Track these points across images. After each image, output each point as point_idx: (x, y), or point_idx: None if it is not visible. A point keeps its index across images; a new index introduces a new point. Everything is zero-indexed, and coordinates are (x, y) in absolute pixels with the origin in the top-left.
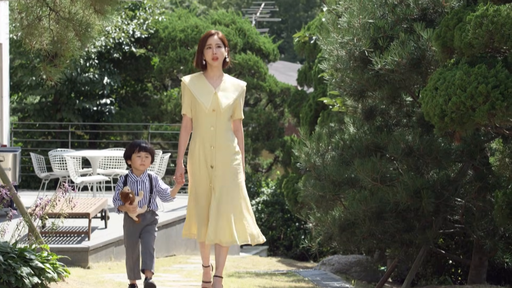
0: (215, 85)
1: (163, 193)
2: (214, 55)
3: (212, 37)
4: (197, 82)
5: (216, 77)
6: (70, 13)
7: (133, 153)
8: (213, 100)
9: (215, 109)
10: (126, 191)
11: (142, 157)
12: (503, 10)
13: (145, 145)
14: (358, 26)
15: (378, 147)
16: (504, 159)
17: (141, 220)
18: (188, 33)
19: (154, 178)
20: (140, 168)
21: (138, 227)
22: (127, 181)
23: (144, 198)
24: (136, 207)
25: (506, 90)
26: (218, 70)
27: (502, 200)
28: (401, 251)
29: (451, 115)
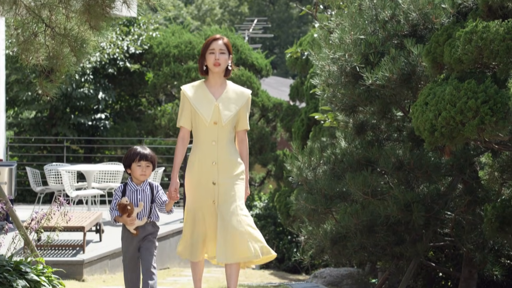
0: (216, 95)
1: (161, 205)
2: (217, 60)
3: (216, 42)
4: (197, 92)
5: (218, 85)
6: (66, 29)
7: (133, 162)
8: (214, 113)
9: (216, 122)
10: (124, 202)
11: (143, 166)
12: (492, 26)
13: (145, 152)
14: (349, 42)
15: (369, 161)
16: (493, 173)
17: (140, 232)
18: (182, 49)
19: (156, 186)
20: (140, 178)
21: (137, 240)
22: (126, 190)
23: (144, 209)
24: (134, 220)
25: (495, 105)
26: (220, 77)
27: (491, 213)
28: (392, 264)
29: (441, 129)
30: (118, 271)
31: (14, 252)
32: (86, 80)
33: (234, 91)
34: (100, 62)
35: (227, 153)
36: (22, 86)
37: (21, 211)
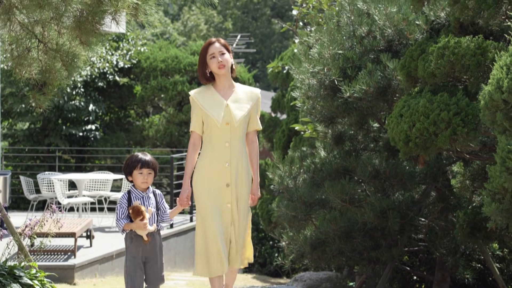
0: (226, 96)
1: (163, 213)
2: (220, 63)
3: (213, 46)
4: (207, 95)
5: (227, 87)
6: (58, 44)
7: (134, 169)
8: (226, 113)
9: (228, 122)
10: (138, 205)
11: (145, 174)
12: (463, 42)
13: (147, 159)
14: (328, 57)
15: (347, 170)
16: (465, 181)
17: (150, 239)
18: (169, 63)
19: (159, 194)
20: (142, 186)
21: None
22: (131, 197)
23: (152, 216)
24: (147, 224)
25: (466, 117)
26: (227, 79)
27: (463, 219)
28: (368, 268)
29: (415, 140)
30: (107, 275)
31: (8, 257)
32: (77, 93)
33: (243, 91)
34: (90, 75)
35: (240, 155)
36: (16, 99)
37: (15, 218)
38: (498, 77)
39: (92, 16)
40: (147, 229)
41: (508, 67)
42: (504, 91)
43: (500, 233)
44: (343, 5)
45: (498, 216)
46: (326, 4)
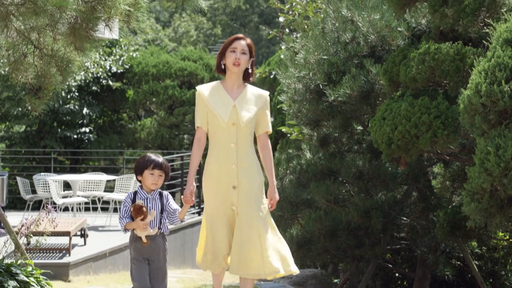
0: (234, 96)
1: (172, 215)
2: (237, 60)
3: (238, 41)
4: (214, 92)
5: (236, 86)
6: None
7: (146, 169)
8: (232, 113)
9: (235, 123)
10: (140, 204)
11: (156, 175)
12: (443, 48)
13: (160, 161)
14: (313, 62)
15: (332, 171)
16: (445, 182)
17: (150, 243)
18: (160, 68)
19: (165, 196)
20: (151, 187)
21: (147, 252)
22: (136, 198)
23: (155, 219)
24: (147, 224)
25: (446, 120)
26: (238, 79)
27: (443, 219)
28: (352, 265)
29: (397, 142)
30: (101, 272)
31: (5, 255)
32: (71, 97)
33: (252, 93)
34: (84, 80)
35: (248, 157)
36: (13, 103)
37: (12, 218)
38: (476, 81)
39: (86, 22)
40: (147, 231)
41: (486, 72)
42: (482, 95)
43: (478, 232)
44: (328, 12)
45: (477, 215)
46: (311, 11)
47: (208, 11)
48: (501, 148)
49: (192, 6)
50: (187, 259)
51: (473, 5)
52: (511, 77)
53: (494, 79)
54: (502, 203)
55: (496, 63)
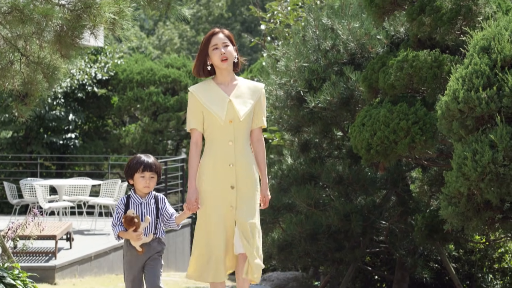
0: (228, 92)
1: (168, 219)
2: (223, 55)
3: (216, 36)
4: (207, 90)
5: (228, 81)
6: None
7: (136, 172)
8: (229, 109)
9: (232, 119)
10: (130, 215)
11: (147, 178)
12: (421, 55)
13: (150, 162)
14: (294, 69)
15: (312, 176)
16: (423, 186)
17: (145, 250)
18: (144, 75)
19: (161, 199)
20: (143, 190)
21: (142, 259)
22: (130, 203)
23: (150, 225)
24: (141, 235)
25: (424, 126)
26: (229, 73)
27: (421, 222)
28: (332, 268)
29: (376, 148)
30: (86, 275)
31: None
32: (57, 103)
33: (246, 86)
34: (70, 87)
35: (245, 155)
36: (0, 109)
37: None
38: (454, 88)
39: (71, 30)
40: (140, 240)
41: (463, 79)
42: (460, 101)
43: (456, 235)
44: (309, 20)
45: (454, 219)
46: (292, 19)
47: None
48: (478, 153)
49: (175, 14)
50: (170, 262)
51: (450, 13)
52: (488, 84)
53: (472, 86)
54: (478, 207)
55: (473, 70)
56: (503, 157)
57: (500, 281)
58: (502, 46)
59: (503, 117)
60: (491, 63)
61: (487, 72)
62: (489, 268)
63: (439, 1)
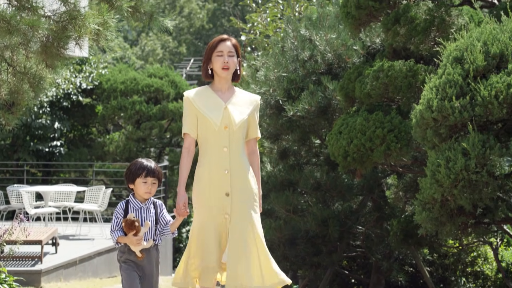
0: (225, 98)
1: (164, 226)
2: (225, 64)
3: (223, 43)
4: (204, 96)
5: (225, 89)
6: (25, 67)
7: (138, 177)
8: (225, 116)
9: (227, 126)
10: (131, 218)
11: (149, 183)
12: (396, 65)
13: (152, 167)
14: (273, 79)
15: (291, 182)
16: (398, 192)
17: (145, 256)
18: (128, 85)
19: (159, 205)
20: (145, 196)
21: (140, 266)
22: (129, 207)
23: (149, 230)
24: (141, 239)
25: (399, 134)
26: (227, 82)
27: (396, 227)
28: (311, 272)
29: (353, 155)
30: (71, 279)
31: None
32: (43, 112)
33: (243, 96)
34: (56, 96)
35: (240, 161)
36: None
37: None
38: (428, 97)
39: (57, 41)
40: (141, 245)
41: (437, 89)
42: (434, 110)
43: (430, 240)
44: (287, 31)
45: (428, 224)
46: (271, 30)
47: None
48: (451, 160)
49: (158, 25)
50: None
51: (424, 24)
52: (461, 94)
53: (445, 95)
54: (452, 213)
55: (447, 80)
56: (475, 164)
57: (473, 284)
58: (475, 57)
59: (475, 126)
60: (464, 73)
61: (460, 82)
62: (462, 271)
63: (413, 12)
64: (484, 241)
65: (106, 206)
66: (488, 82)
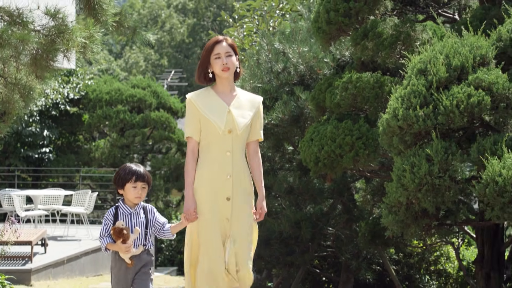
0: (228, 101)
1: (161, 228)
2: (225, 65)
3: (219, 45)
4: (206, 99)
5: (228, 91)
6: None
7: (127, 182)
8: (228, 120)
9: (231, 130)
10: (120, 226)
11: (139, 188)
12: (364, 77)
13: (142, 172)
14: (249, 89)
15: (266, 186)
16: (366, 196)
17: (134, 262)
18: (112, 95)
19: (150, 210)
20: (134, 201)
21: (131, 272)
22: (118, 213)
23: (140, 236)
24: (130, 247)
25: (367, 141)
26: (229, 83)
27: (364, 229)
28: (284, 271)
29: (324, 161)
30: (59, 278)
31: None
32: (33, 121)
33: (246, 97)
34: (45, 105)
35: (242, 166)
36: None
37: None
38: (394, 107)
39: (46, 54)
40: (130, 252)
41: (402, 99)
42: (399, 119)
43: (396, 240)
44: (262, 45)
45: (394, 226)
46: (247, 44)
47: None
48: (416, 166)
49: (141, 39)
50: None
51: (391, 39)
52: (424, 103)
53: (410, 105)
54: (416, 215)
55: (411, 90)
56: (438, 170)
57: (436, 281)
58: (437, 69)
59: (438, 133)
60: (427, 84)
61: (424, 92)
62: (426, 270)
63: (380, 28)
64: (446, 241)
65: (92, 209)
66: (450, 93)
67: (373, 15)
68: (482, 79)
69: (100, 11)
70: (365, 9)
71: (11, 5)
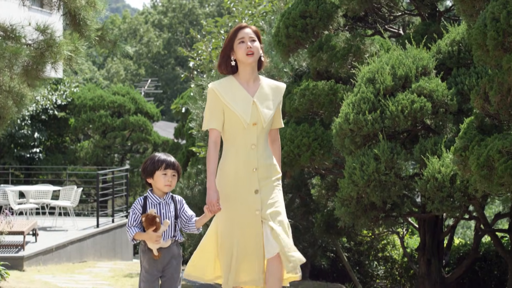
0: (251, 92)
1: (188, 222)
2: (249, 49)
3: (243, 30)
4: (229, 89)
5: (252, 80)
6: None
7: (157, 169)
8: (253, 112)
9: (256, 122)
10: (152, 214)
11: (169, 175)
12: (320, 85)
13: (171, 160)
14: None
15: None
16: (322, 191)
17: (162, 255)
18: (95, 101)
19: (179, 201)
20: (165, 189)
21: (159, 264)
22: (147, 203)
23: (169, 228)
24: (160, 237)
25: (322, 142)
26: (253, 71)
27: (320, 220)
28: None
29: (284, 160)
30: (48, 264)
31: None
32: (25, 124)
33: (269, 85)
34: (35, 110)
35: (267, 157)
36: None
37: None
38: (346, 111)
39: (36, 65)
40: (158, 243)
41: (353, 104)
42: (350, 122)
43: (347, 230)
44: None
45: (346, 217)
46: (215, 56)
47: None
48: (365, 164)
49: (120, 51)
50: (117, 253)
51: (343, 51)
52: (373, 109)
53: (360, 110)
54: (365, 208)
55: (361, 97)
56: (385, 168)
57: (383, 267)
58: (384, 78)
59: (385, 135)
60: (375, 91)
61: (372, 99)
62: (375, 256)
63: (334, 41)
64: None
65: (78, 203)
66: (396, 99)
67: (327, 30)
68: (424, 87)
69: (84, 27)
70: (320, 25)
71: (6, 22)
